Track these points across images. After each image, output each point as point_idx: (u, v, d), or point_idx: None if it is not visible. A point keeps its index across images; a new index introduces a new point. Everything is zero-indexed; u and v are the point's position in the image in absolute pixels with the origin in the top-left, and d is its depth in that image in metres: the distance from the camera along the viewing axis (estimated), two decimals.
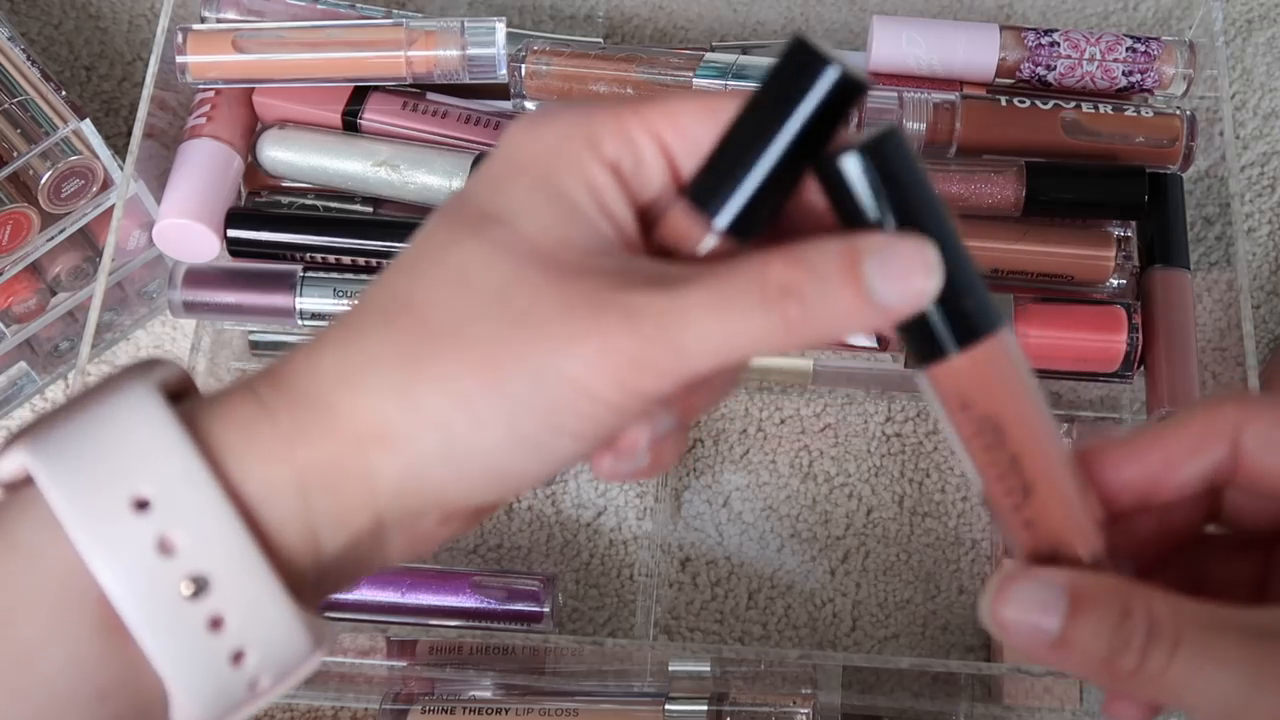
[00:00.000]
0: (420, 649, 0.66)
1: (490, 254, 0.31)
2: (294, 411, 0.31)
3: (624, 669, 0.66)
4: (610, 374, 0.29)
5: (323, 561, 0.32)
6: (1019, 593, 0.31)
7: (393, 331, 0.31)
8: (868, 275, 0.29)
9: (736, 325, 0.29)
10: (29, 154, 0.67)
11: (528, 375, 0.30)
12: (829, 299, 0.29)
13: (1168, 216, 0.71)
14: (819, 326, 0.30)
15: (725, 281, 0.29)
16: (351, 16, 0.74)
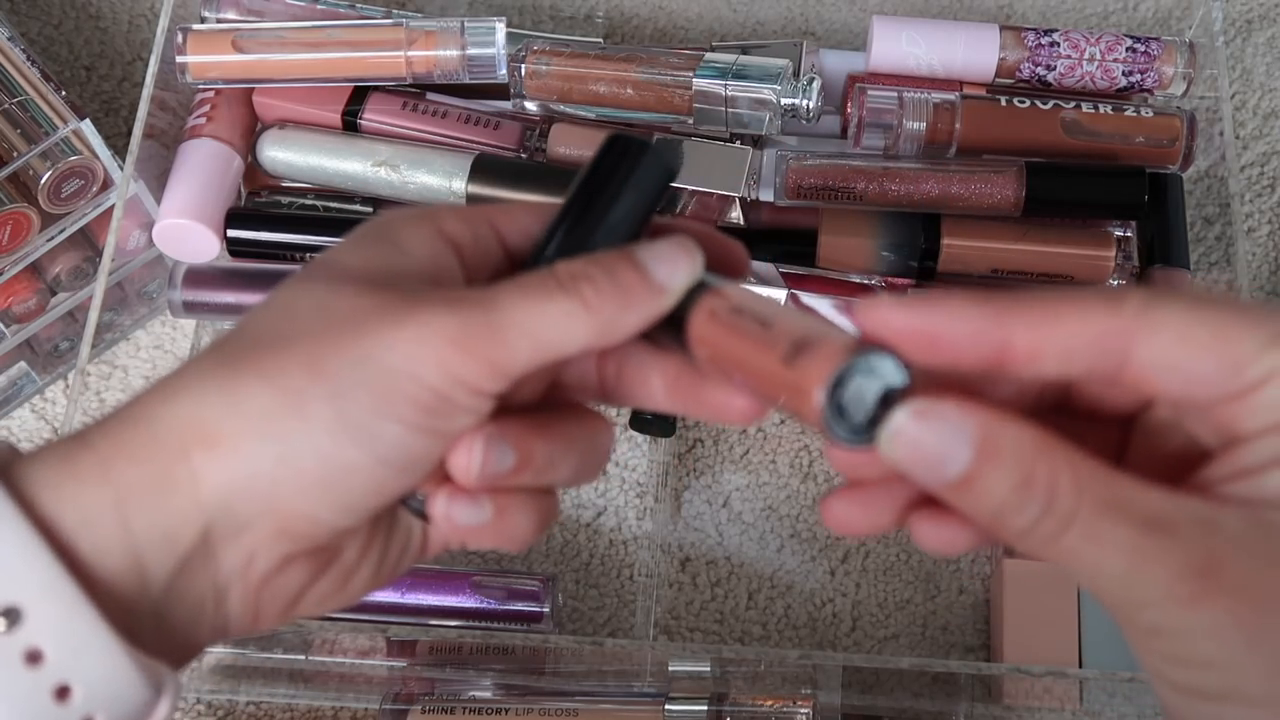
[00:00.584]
0: (420, 649, 0.66)
1: (312, 284, 0.33)
2: (113, 433, 0.31)
3: (624, 669, 0.66)
4: (431, 355, 0.31)
5: (152, 590, 0.31)
6: (939, 416, 0.29)
7: (220, 354, 0.32)
8: (643, 261, 0.33)
9: (542, 309, 0.32)
10: (29, 154, 0.67)
11: (350, 361, 0.31)
12: (617, 281, 0.33)
13: (1168, 216, 0.71)
14: (614, 306, 0.32)
15: (525, 279, 0.33)
16: (351, 16, 0.74)
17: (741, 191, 0.69)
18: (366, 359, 0.31)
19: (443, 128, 0.72)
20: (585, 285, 0.32)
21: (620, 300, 0.33)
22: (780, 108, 0.68)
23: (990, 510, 0.29)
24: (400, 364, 0.31)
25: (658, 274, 0.33)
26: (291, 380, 0.31)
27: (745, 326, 0.32)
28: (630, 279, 0.33)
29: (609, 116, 0.71)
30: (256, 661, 0.67)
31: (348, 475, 0.31)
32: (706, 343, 0.33)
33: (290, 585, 0.34)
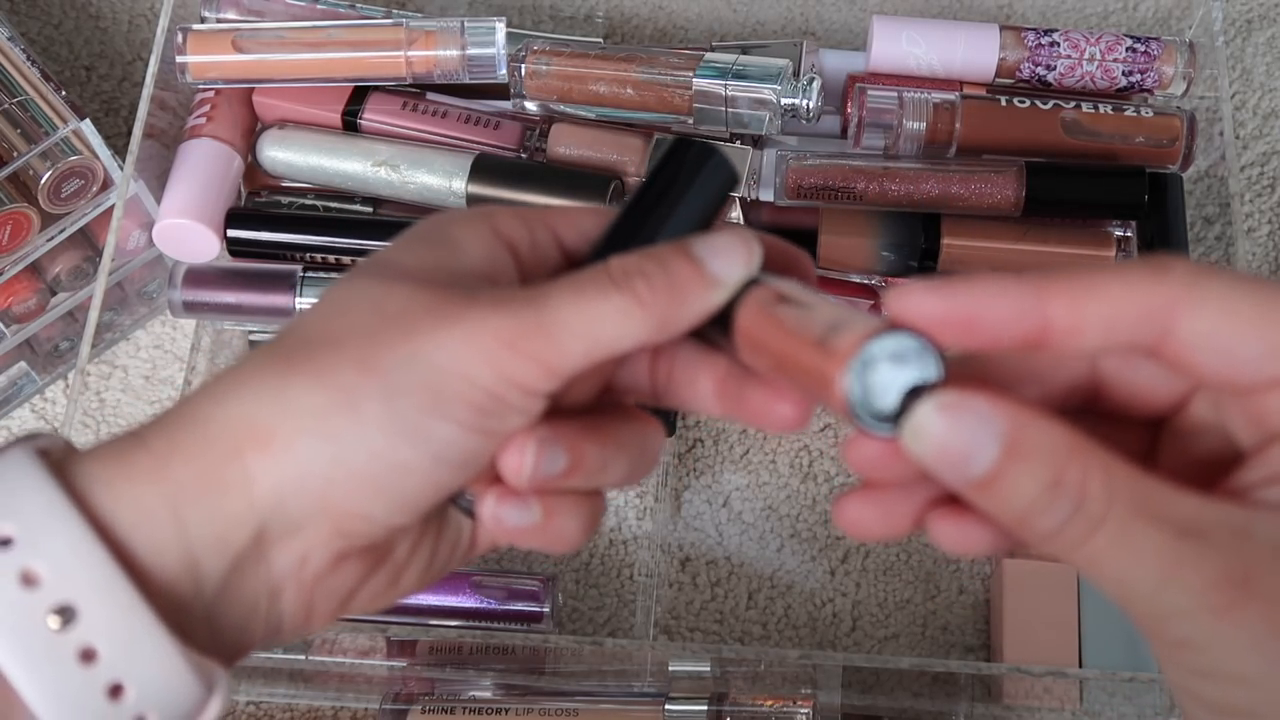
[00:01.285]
0: (420, 649, 0.66)
1: (368, 283, 0.33)
2: (168, 432, 0.31)
3: (624, 669, 0.66)
4: (482, 355, 0.31)
5: (206, 590, 0.31)
6: (968, 411, 0.28)
7: (273, 352, 0.32)
8: (698, 254, 0.33)
9: (596, 308, 0.32)
10: (29, 154, 0.67)
11: (402, 360, 0.31)
12: (672, 276, 0.32)
13: (1168, 216, 0.71)
14: (668, 298, 0.32)
15: (579, 277, 0.32)
16: (351, 16, 0.74)
17: (741, 191, 0.69)
18: (418, 357, 0.31)
19: (443, 128, 0.72)
20: (639, 281, 0.32)
21: (674, 295, 0.32)
22: (780, 108, 0.68)
23: (1016, 511, 0.28)
24: (452, 363, 0.31)
25: (713, 266, 0.33)
26: (343, 378, 0.31)
27: (786, 314, 0.32)
28: (685, 272, 0.32)
29: (609, 116, 0.71)
30: (256, 661, 0.67)
31: (401, 474, 0.31)
32: (750, 334, 0.33)
33: (344, 583, 0.33)
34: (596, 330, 0.32)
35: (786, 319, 0.32)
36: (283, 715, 0.69)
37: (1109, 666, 0.66)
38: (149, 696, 0.30)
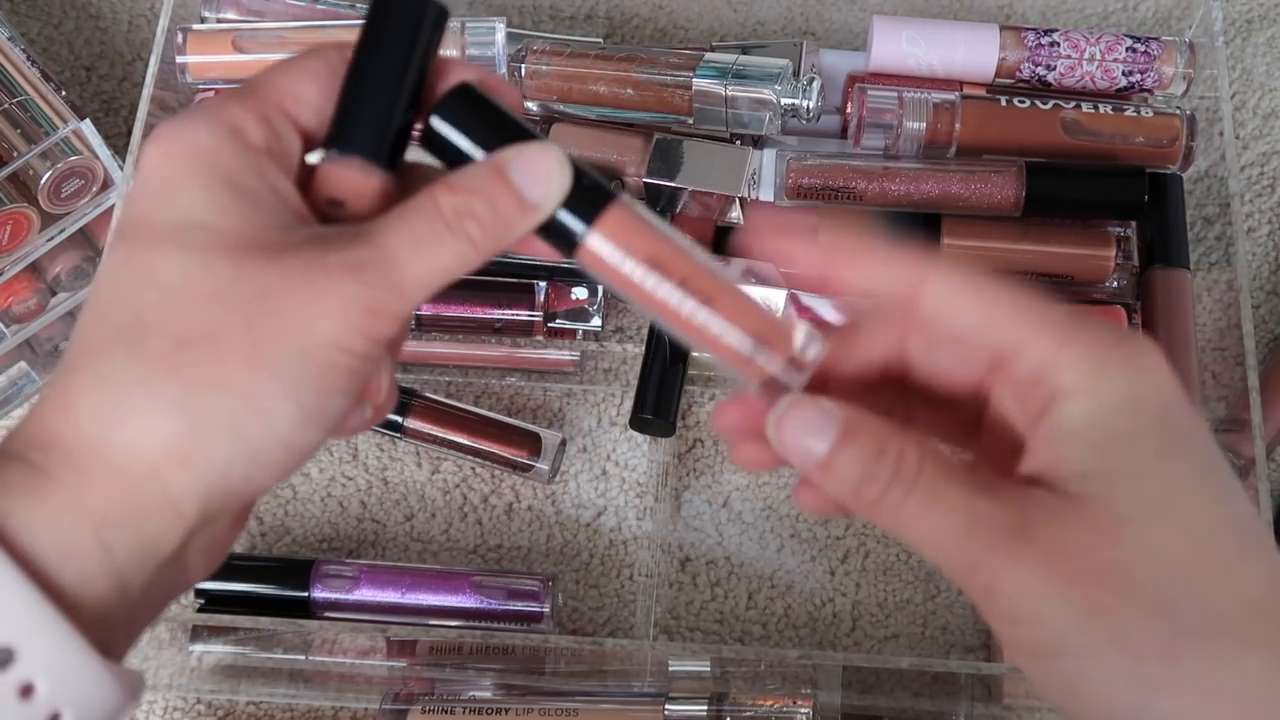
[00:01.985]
0: (420, 649, 0.66)
1: (202, 258, 0.32)
2: (71, 462, 0.32)
3: (624, 669, 0.66)
4: (354, 326, 0.32)
5: (132, 600, 0.32)
6: (801, 415, 0.34)
7: (143, 356, 0.32)
8: (516, 181, 0.34)
9: (435, 257, 0.34)
10: (29, 154, 0.67)
11: (293, 352, 0.32)
12: (498, 212, 0.34)
13: (1167, 216, 0.71)
14: (494, 236, 0.34)
15: (413, 223, 0.34)
16: (351, 16, 0.74)
17: (741, 191, 0.69)
18: (305, 346, 0.32)
19: None
20: (470, 224, 0.34)
21: (501, 230, 0.34)
22: (780, 108, 0.68)
23: (850, 484, 0.33)
24: (333, 341, 0.32)
25: (533, 194, 0.34)
26: (243, 382, 0.32)
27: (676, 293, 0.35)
28: (510, 206, 0.34)
29: (609, 116, 0.71)
30: (256, 661, 0.67)
31: (302, 454, 0.33)
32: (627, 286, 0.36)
33: (233, 538, 0.36)
34: (438, 277, 0.34)
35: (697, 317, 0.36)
36: (283, 715, 0.69)
37: None
38: (83, 717, 0.31)
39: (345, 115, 0.35)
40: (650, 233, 0.36)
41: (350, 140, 0.35)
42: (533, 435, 0.72)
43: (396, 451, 0.73)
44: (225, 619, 0.65)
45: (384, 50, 0.35)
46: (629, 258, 0.35)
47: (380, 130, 0.35)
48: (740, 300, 0.36)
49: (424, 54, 0.36)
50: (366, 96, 0.35)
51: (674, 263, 0.35)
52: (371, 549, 0.71)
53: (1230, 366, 0.70)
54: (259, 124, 0.34)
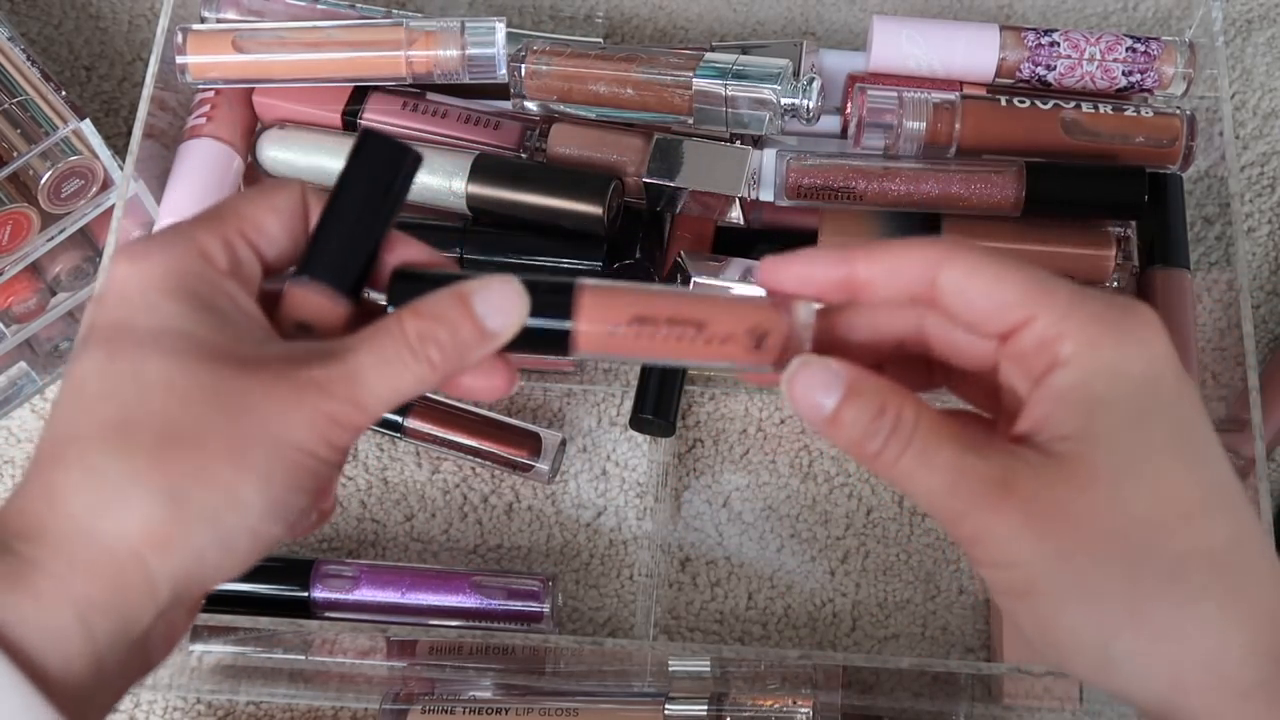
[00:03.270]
0: (420, 649, 0.66)
1: (185, 363, 0.35)
2: (63, 553, 0.34)
3: (624, 669, 0.66)
4: (319, 434, 0.36)
5: (106, 679, 0.35)
6: (812, 373, 0.37)
7: (133, 451, 0.35)
8: (478, 310, 0.37)
9: (398, 378, 0.37)
10: (29, 154, 0.67)
11: (267, 451, 0.35)
12: (459, 339, 0.37)
13: (1168, 216, 0.71)
14: (453, 361, 0.37)
15: (380, 344, 0.37)
16: (351, 16, 0.74)
17: (741, 191, 0.69)
18: (279, 448, 0.35)
19: (443, 128, 0.72)
20: (433, 349, 0.37)
21: (461, 356, 0.37)
22: (780, 108, 0.68)
23: (854, 437, 0.36)
24: (302, 445, 0.36)
25: (491, 323, 0.37)
26: (224, 476, 0.35)
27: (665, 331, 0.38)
28: (470, 335, 0.37)
29: (609, 116, 0.71)
30: (256, 661, 0.67)
31: (268, 543, 0.36)
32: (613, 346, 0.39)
33: (187, 625, 0.38)
34: (397, 396, 0.37)
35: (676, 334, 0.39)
36: (283, 715, 0.69)
37: None
38: None
39: (320, 245, 0.39)
40: (624, 295, 0.38)
41: (323, 269, 0.38)
42: (533, 435, 0.72)
43: (396, 451, 0.73)
44: (225, 619, 0.65)
45: (362, 190, 0.39)
46: (618, 326, 0.38)
47: (350, 262, 0.39)
48: (726, 309, 0.39)
49: (397, 196, 0.39)
50: (341, 231, 0.39)
51: (656, 308, 0.38)
52: (371, 549, 0.71)
53: (1230, 366, 0.70)
54: (223, 248, 0.38)
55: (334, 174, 0.38)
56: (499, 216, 0.70)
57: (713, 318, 0.38)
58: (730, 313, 0.39)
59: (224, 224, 0.38)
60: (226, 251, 0.38)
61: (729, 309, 0.39)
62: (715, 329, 0.38)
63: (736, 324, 0.38)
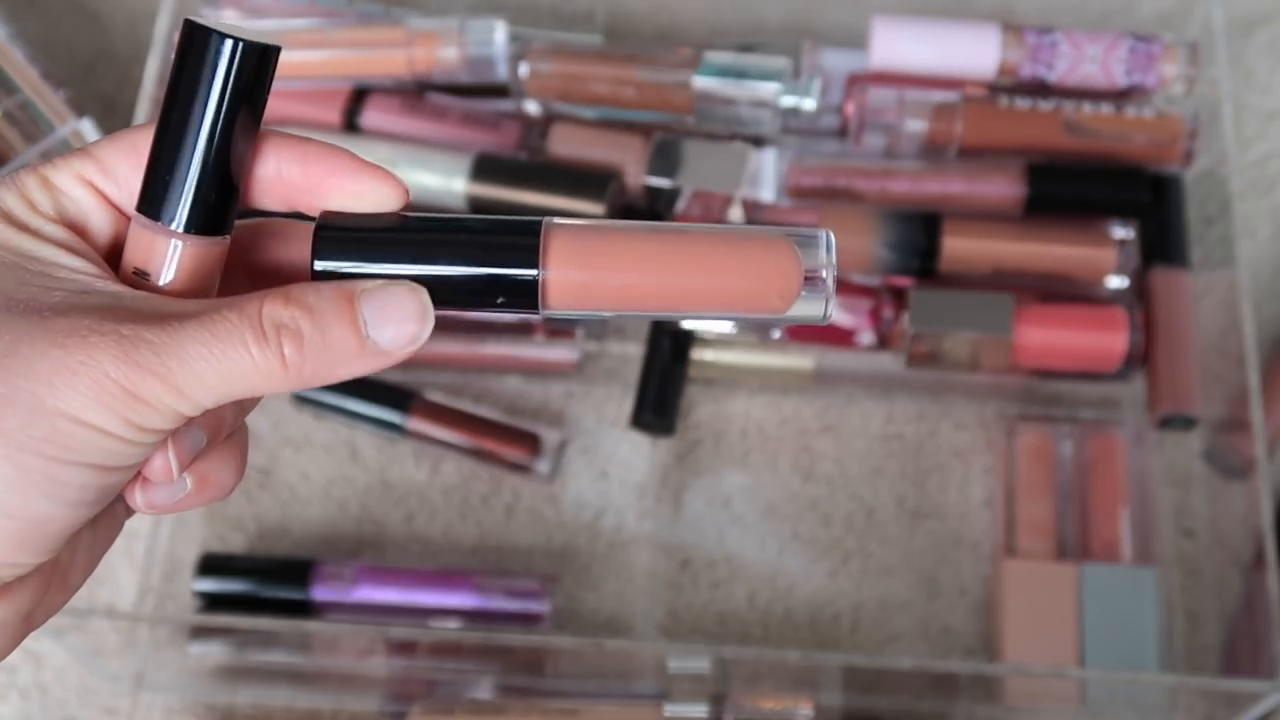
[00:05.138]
0: (420, 649, 0.66)
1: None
2: None
3: (624, 669, 0.65)
4: (108, 407, 0.29)
5: None
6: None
7: None
8: (364, 317, 0.31)
9: (231, 363, 0.30)
10: (29, 154, 0.67)
11: (21, 413, 0.29)
12: (327, 340, 0.30)
13: (1168, 216, 0.71)
14: (316, 367, 0.30)
15: (221, 318, 0.30)
16: (350, 15, 0.74)
17: (741, 191, 0.69)
18: (40, 411, 0.29)
19: (443, 128, 0.72)
20: (289, 344, 0.30)
21: (327, 362, 0.31)
22: (780, 108, 0.68)
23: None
24: (78, 414, 0.29)
25: (381, 338, 0.31)
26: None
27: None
28: (344, 341, 0.31)
29: (609, 116, 0.71)
30: (256, 662, 0.67)
31: (39, 524, 0.30)
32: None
33: (14, 612, 0.32)
34: (230, 386, 0.30)
35: None
36: (283, 716, 0.68)
37: (1109, 666, 0.66)
38: None
39: (148, 175, 0.32)
40: (600, 234, 0.32)
41: (150, 202, 0.32)
42: (533, 435, 0.72)
43: (396, 452, 0.73)
44: (225, 619, 0.65)
45: (183, 99, 0.31)
46: (599, 270, 0.32)
47: (179, 189, 0.31)
48: (721, 243, 0.32)
49: (237, 101, 0.32)
50: (166, 154, 0.31)
51: (644, 248, 0.32)
52: (371, 549, 0.71)
53: (1230, 366, 0.70)
54: (50, 193, 0.32)
55: None
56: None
57: (716, 254, 0.32)
58: (729, 247, 0.32)
59: (65, 168, 0.32)
60: (51, 196, 0.32)
61: (726, 244, 0.32)
62: (719, 268, 0.32)
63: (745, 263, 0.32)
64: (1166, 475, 0.72)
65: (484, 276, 0.32)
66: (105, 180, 0.32)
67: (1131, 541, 0.69)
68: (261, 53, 0.32)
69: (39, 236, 0.31)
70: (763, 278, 0.32)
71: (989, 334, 0.67)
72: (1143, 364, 0.68)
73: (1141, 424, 0.71)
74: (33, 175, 0.32)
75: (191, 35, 0.31)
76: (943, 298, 0.68)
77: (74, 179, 0.32)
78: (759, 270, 0.32)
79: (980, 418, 0.74)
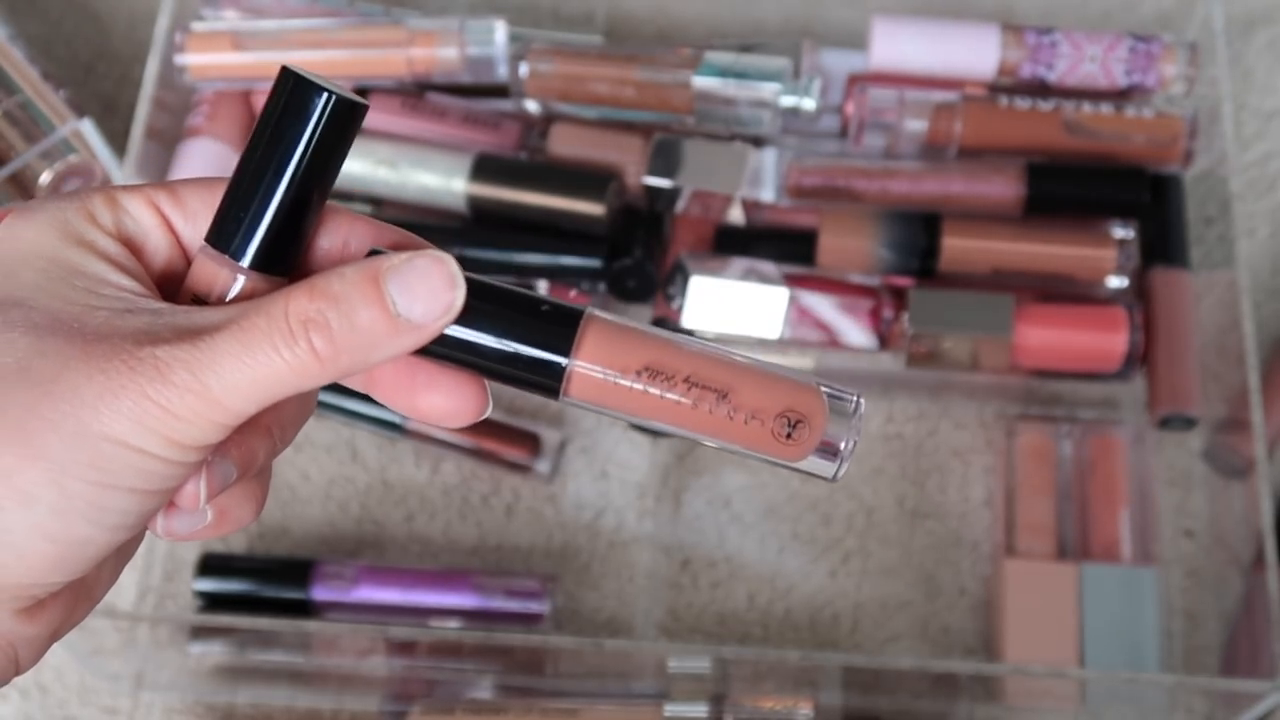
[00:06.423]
0: (420, 649, 0.66)
1: (7, 334, 0.30)
2: None
3: (624, 669, 0.65)
4: (150, 428, 0.29)
5: None
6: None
7: None
8: (391, 294, 0.30)
9: (264, 367, 0.30)
10: (29, 154, 0.67)
11: (67, 438, 0.29)
12: (356, 325, 0.30)
13: (1168, 216, 0.71)
14: (351, 354, 0.30)
15: (249, 323, 0.30)
16: (351, 15, 0.74)
17: (741, 191, 0.69)
18: (85, 435, 0.29)
19: (443, 127, 0.72)
20: (318, 336, 0.30)
21: (359, 347, 0.30)
22: (780, 108, 0.68)
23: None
24: (121, 436, 0.29)
25: (411, 312, 0.31)
26: (5, 461, 0.29)
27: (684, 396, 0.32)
28: (374, 322, 0.30)
29: (609, 116, 0.71)
30: (256, 662, 0.67)
31: (78, 547, 0.30)
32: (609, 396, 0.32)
33: (43, 628, 0.32)
34: (265, 389, 0.30)
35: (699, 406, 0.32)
36: (283, 716, 0.68)
37: (1109, 666, 0.66)
38: None
39: (222, 208, 0.32)
40: (636, 336, 0.32)
41: (219, 231, 0.32)
42: (533, 435, 0.72)
43: (396, 451, 0.73)
44: (225, 619, 0.65)
45: (275, 142, 0.32)
46: (623, 375, 0.32)
47: (252, 226, 0.32)
48: (759, 379, 0.32)
49: (321, 151, 0.32)
50: (244, 191, 0.32)
51: (674, 360, 0.32)
52: (371, 549, 0.71)
53: (1230, 366, 0.70)
54: (115, 212, 0.32)
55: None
56: (499, 216, 0.70)
57: (740, 386, 0.32)
58: (763, 385, 0.32)
59: (128, 191, 0.33)
60: (119, 215, 0.32)
61: (763, 380, 0.32)
62: (741, 400, 0.32)
63: (769, 400, 0.32)
64: (1166, 475, 0.72)
65: (513, 352, 0.32)
66: (174, 208, 0.33)
67: (1131, 541, 0.69)
68: (350, 108, 0.32)
69: (92, 250, 0.32)
70: None
71: (989, 334, 0.67)
72: (1143, 364, 0.68)
73: (1141, 424, 0.71)
74: (101, 193, 0.32)
75: (287, 82, 0.31)
76: (943, 298, 0.68)
77: (142, 202, 0.33)
78: None
79: (980, 418, 0.74)
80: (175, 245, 0.33)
